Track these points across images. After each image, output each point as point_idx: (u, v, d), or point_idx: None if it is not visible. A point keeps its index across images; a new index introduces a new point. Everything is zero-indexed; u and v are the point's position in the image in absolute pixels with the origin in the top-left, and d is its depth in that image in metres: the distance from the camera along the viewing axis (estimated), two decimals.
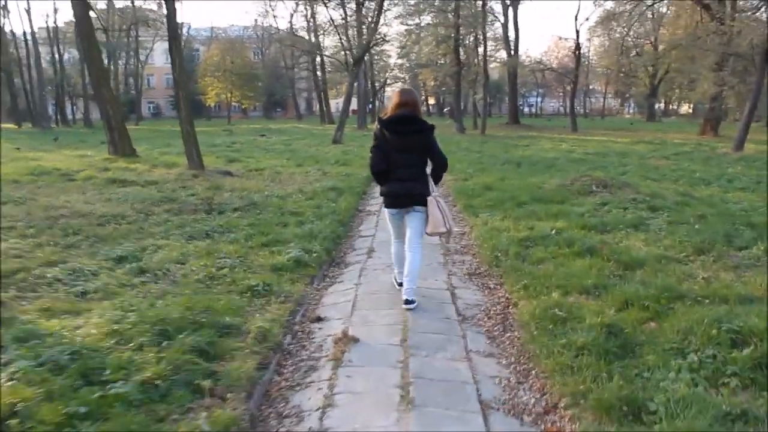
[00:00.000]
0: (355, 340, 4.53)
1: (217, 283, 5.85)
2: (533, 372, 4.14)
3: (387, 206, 5.50)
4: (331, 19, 48.05)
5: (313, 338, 4.77)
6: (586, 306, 4.98)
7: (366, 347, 4.45)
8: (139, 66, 64.90)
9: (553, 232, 7.80)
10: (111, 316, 4.59)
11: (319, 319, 5.16)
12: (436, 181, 5.50)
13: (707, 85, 32.99)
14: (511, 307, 5.46)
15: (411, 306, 5.23)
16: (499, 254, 6.91)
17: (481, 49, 43.08)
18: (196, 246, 7.25)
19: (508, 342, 4.71)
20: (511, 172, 15.57)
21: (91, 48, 18.54)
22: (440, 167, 5.45)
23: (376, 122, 5.39)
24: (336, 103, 68.46)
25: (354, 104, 47.34)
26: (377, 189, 5.91)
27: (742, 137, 22.87)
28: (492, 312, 5.39)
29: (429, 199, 5.27)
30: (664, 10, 47.12)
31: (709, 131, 34.71)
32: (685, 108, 79.00)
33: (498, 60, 54.05)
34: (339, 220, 9.18)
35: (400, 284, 5.59)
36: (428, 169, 5.45)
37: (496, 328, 5.01)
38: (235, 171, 15.70)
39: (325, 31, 52.63)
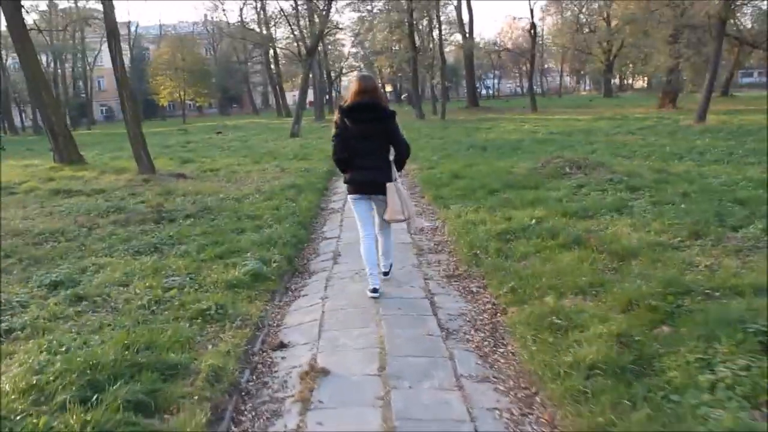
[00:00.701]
0: (325, 372, 3.84)
1: (163, 308, 5.08)
2: (538, 399, 3.51)
3: (350, 193, 5.39)
4: (281, 9, 47.09)
5: (275, 372, 4.06)
6: (586, 310, 4.38)
7: (338, 381, 3.76)
8: (87, 68, 62.71)
9: (533, 221, 7.22)
10: (33, 362, 3.82)
11: (282, 346, 4.44)
12: (399, 168, 5.38)
13: (663, 59, 32.99)
14: (499, 314, 4.83)
15: (387, 277, 5.68)
16: (478, 251, 6.28)
17: (435, 33, 42.50)
18: (142, 263, 6.47)
19: (502, 360, 4.07)
20: (478, 158, 14.97)
21: (25, 50, 17.36)
22: (402, 154, 5.33)
23: (337, 110, 5.22)
24: (292, 96, 67.25)
25: (310, 96, 46.54)
26: (339, 184, 5.52)
27: (704, 108, 22.68)
28: (479, 323, 4.74)
29: (388, 185, 5.15)
30: None
31: (668, 104, 34.67)
32: (640, 82, 79.70)
33: (453, 43, 53.55)
34: (300, 222, 8.47)
35: (373, 291, 5.28)
36: (392, 156, 5.32)
37: (486, 342, 4.36)
38: (189, 173, 14.83)
39: (276, 22, 51.56)
